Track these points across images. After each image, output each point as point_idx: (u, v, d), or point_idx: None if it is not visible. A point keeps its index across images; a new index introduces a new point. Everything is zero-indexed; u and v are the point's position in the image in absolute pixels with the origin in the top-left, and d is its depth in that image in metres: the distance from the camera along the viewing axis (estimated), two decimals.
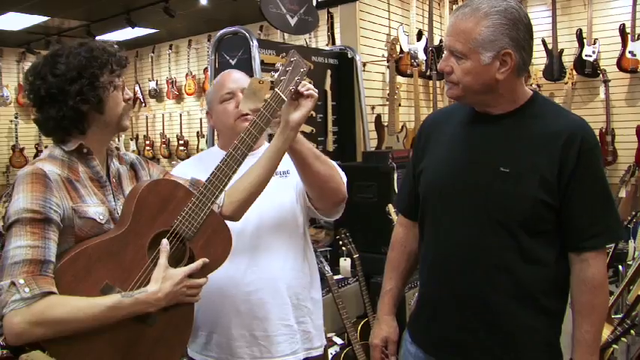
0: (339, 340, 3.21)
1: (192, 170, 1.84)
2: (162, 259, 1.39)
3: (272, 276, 1.77)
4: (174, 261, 1.44)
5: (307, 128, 3.71)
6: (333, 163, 1.80)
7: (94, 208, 1.40)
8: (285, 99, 1.56)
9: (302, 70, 1.60)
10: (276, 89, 1.56)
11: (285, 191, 1.83)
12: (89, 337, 1.31)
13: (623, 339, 1.98)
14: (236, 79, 1.90)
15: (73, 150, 1.42)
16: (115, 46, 1.47)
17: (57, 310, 1.25)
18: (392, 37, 4.82)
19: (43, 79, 1.38)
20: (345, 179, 1.82)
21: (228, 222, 1.57)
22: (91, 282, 1.32)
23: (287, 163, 1.74)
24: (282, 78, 1.57)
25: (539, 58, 5.26)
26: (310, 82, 1.65)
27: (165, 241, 1.41)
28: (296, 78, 1.58)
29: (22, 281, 1.24)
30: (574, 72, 5.13)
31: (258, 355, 1.77)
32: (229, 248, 1.53)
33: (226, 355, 1.78)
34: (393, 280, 1.77)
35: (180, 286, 1.39)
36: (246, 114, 1.78)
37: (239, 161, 1.50)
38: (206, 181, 1.47)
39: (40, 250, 1.28)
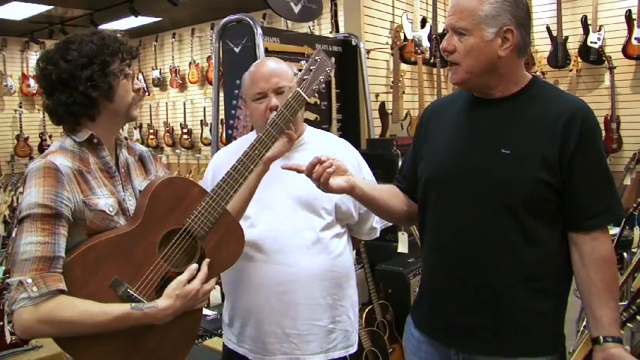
0: None
1: (233, 158, 1.83)
2: (184, 277, 1.40)
3: (306, 277, 1.75)
4: (185, 259, 1.44)
5: (312, 116, 3.70)
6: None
7: (104, 200, 1.41)
8: (308, 98, 1.54)
9: (327, 69, 1.58)
10: (297, 88, 1.54)
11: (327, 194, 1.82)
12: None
13: (629, 324, 1.98)
14: (268, 76, 1.73)
15: (83, 141, 1.42)
16: (126, 36, 1.48)
17: (65, 312, 1.27)
18: (396, 25, 4.80)
19: (54, 65, 1.39)
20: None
21: (264, 221, 1.56)
22: (101, 277, 1.33)
23: None
24: (305, 77, 1.56)
25: (543, 45, 5.22)
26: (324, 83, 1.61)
27: (194, 265, 1.42)
28: (320, 77, 1.57)
29: (30, 280, 1.25)
30: (579, 59, 5.09)
31: (288, 352, 1.77)
32: (241, 248, 1.52)
33: (258, 348, 1.79)
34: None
35: (192, 301, 1.41)
36: None
37: (256, 161, 1.50)
38: (221, 180, 1.46)
39: (49, 246, 1.29)
